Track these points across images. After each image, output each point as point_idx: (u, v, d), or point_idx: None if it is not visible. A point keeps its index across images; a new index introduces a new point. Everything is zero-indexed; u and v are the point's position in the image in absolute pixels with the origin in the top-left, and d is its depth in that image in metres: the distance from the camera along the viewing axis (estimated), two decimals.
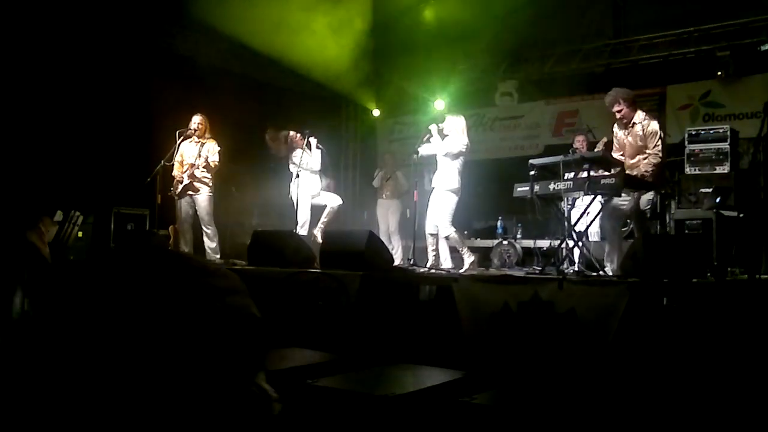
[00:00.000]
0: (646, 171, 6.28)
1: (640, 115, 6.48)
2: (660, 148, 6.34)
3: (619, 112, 6.53)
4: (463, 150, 7.41)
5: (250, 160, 9.94)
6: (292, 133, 8.68)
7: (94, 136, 9.01)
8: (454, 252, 7.48)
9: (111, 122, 9.18)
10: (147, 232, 9.14)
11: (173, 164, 8.29)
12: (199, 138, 8.32)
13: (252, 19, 9.36)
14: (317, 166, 8.54)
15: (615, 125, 6.76)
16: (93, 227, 8.60)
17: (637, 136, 6.43)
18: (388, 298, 5.81)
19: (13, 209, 7.47)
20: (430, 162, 7.93)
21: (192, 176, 8.20)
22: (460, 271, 7.09)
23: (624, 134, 6.57)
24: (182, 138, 8.30)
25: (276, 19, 9.37)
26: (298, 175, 8.32)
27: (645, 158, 6.35)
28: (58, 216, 8.23)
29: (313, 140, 8.53)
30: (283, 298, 5.90)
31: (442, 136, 7.46)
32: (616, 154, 6.70)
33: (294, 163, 8.43)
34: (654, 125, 6.40)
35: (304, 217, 8.35)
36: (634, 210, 6.48)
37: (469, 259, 7.25)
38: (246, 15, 9.35)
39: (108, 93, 9.16)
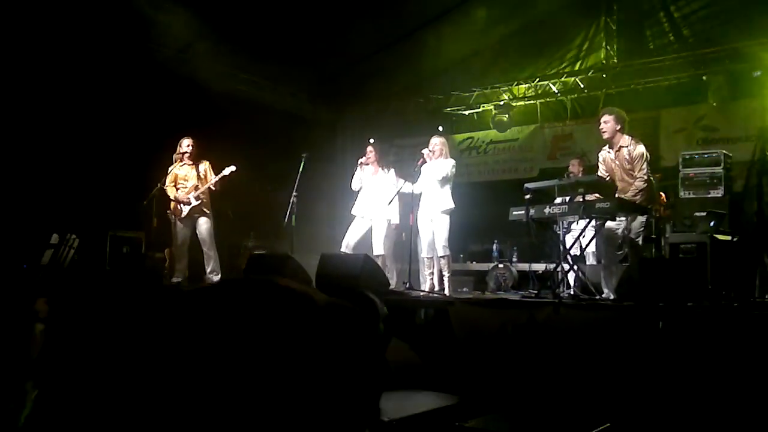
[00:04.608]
0: (634, 195, 6.30)
1: (626, 139, 6.50)
2: (646, 171, 6.36)
3: (605, 123, 6.55)
4: (450, 171, 7.49)
5: (247, 182, 9.96)
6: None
7: (90, 159, 9.02)
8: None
9: (106, 145, 9.20)
10: (142, 255, 9.14)
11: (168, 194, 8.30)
12: (192, 161, 8.36)
13: None
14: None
15: (602, 150, 6.77)
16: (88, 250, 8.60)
17: (624, 160, 6.46)
18: (384, 322, 5.79)
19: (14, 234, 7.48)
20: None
21: (198, 198, 8.22)
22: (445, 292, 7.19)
23: (611, 158, 6.60)
24: (176, 161, 8.34)
25: None
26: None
27: (632, 182, 6.37)
28: (54, 239, 8.24)
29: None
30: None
31: (431, 159, 7.55)
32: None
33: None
34: (640, 148, 6.42)
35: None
36: (627, 234, 6.49)
37: (444, 283, 7.36)
38: None
39: (103, 116, 9.18)
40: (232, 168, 8.26)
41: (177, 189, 8.32)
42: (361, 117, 12.91)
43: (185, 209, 8.24)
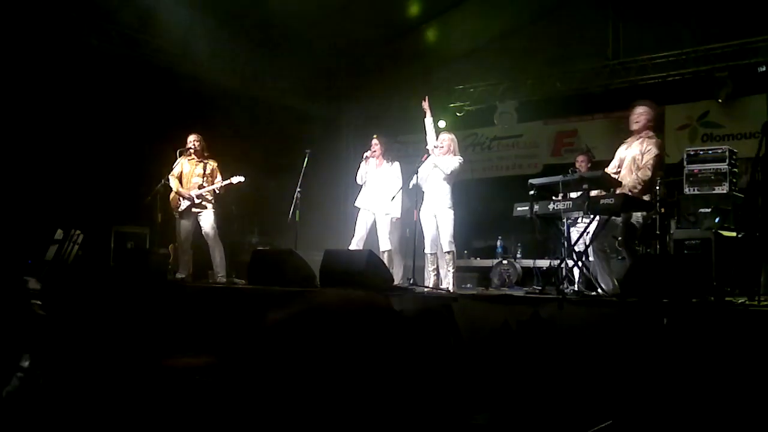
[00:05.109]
0: (633, 187, 6.25)
1: (649, 133, 6.51)
2: (651, 164, 6.30)
3: (639, 115, 6.48)
4: (458, 167, 7.48)
5: (251, 178, 9.96)
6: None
7: (94, 154, 9.04)
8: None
9: (111, 141, 9.21)
10: (146, 250, 9.15)
11: (170, 185, 8.28)
12: (198, 158, 8.33)
13: None
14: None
15: (621, 147, 6.73)
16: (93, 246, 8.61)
17: (635, 152, 6.45)
18: (389, 318, 5.78)
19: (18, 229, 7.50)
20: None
21: (200, 197, 8.20)
22: (442, 286, 7.19)
23: (625, 151, 6.57)
24: (181, 156, 8.33)
25: None
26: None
27: (634, 173, 6.34)
28: (59, 235, 8.25)
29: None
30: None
31: (438, 154, 7.54)
32: (611, 169, 6.70)
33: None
34: (655, 144, 6.40)
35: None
36: (622, 229, 6.44)
37: (448, 279, 7.35)
38: None
39: (107, 112, 9.19)
40: (241, 179, 8.22)
41: (181, 183, 8.31)
42: (365, 113, 12.89)
43: (184, 204, 8.21)
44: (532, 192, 6.38)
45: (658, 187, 6.38)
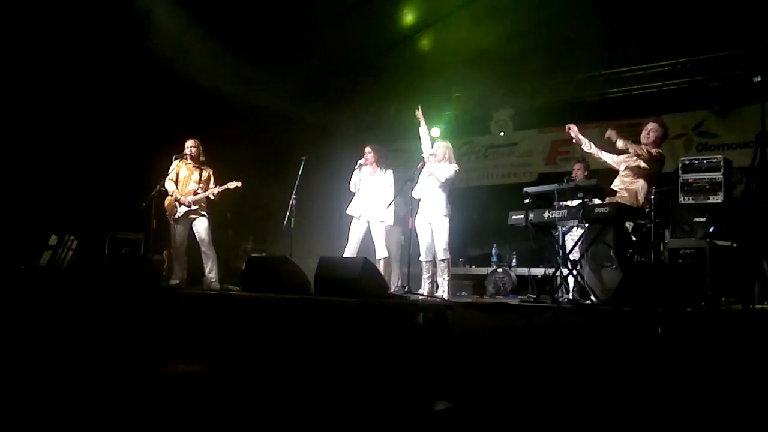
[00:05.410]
0: (618, 187, 6.31)
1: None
2: (643, 164, 6.35)
3: (648, 131, 6.56)
4: (453, 175, 7.48)
5: (246, 184, 9.97)
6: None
7: (88, 160, 9.02)
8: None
9: (105, 147, 9.20)
10: (141, 256, 9.13)
11: (166, 188, 8.24)
12: (195, 163, 8.31)
13: None
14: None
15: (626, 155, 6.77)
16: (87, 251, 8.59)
17: (632, 157, 6.49)
18: (382, 326, 5.77)
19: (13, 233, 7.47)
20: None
21: (196, 203, 8.17)
22: (437, 294, 7.18)
23: (628, 157, 6.61)
24: (177, 161, 8.30)
25: None
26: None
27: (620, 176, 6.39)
28: (53, 240, 8.23)
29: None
30: (277, 325, 5.87)
31: (434, 162, 7.55)
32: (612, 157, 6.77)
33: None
34: (653, 150, 6.44)
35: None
36: (613, 236, 6.45)
37: (443, 287, 7.34)
38: None
39: (102, 118, 9.18)
40: (238, 184, 8.19)
41: (177, 187, 8.27)
42: (360, 120, 12.90)
43: (180, 210, 8.18)
44: (527, 200, 6.40)
45: (653, 196, 6.39)
